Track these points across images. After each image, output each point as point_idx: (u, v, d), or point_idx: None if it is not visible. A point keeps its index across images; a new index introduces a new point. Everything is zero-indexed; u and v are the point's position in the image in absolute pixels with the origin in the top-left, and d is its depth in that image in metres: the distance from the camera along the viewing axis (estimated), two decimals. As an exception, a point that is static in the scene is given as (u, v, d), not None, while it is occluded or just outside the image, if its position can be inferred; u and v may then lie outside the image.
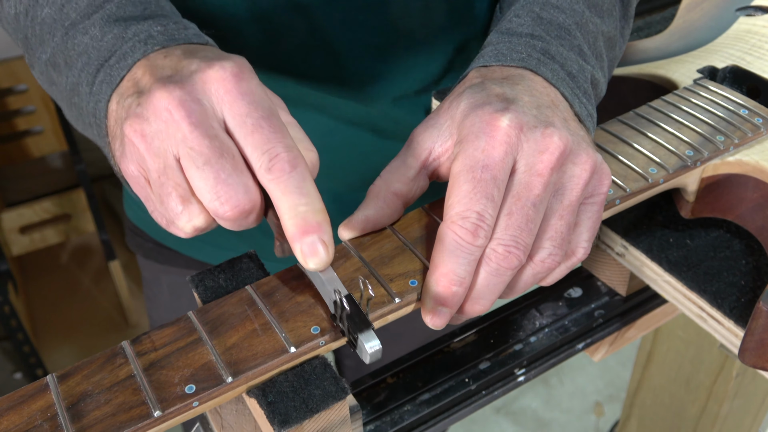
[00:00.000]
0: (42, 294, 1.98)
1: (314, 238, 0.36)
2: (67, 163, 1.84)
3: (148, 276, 0.85)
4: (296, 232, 0.36)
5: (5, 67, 1.66)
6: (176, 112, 0.36)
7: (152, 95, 0.37)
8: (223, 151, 0.36)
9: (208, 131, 0.36)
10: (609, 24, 0.50)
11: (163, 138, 0.37)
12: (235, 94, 0.38)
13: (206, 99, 0.38)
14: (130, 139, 0.38)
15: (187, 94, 0.37)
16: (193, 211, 0.37)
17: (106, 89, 0.41)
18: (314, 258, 0.36)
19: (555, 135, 0.39)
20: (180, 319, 0.39)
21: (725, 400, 1.05)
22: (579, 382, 1.87)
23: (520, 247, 0.38)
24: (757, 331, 0.44)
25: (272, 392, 0.37)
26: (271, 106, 0.39)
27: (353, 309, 0.37)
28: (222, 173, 0.36)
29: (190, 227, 0.38)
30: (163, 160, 0.37)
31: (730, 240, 0.54)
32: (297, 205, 0.36)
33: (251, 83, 0.39)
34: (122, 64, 0.40)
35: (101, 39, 0.42)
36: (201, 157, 0.36)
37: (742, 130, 0.51)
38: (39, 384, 0.36)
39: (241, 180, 0.36)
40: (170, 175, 0.37)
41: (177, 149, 0.36)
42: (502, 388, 0.53)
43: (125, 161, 0.39)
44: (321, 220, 0.36)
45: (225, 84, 0.38)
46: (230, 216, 0.36)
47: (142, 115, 0.37)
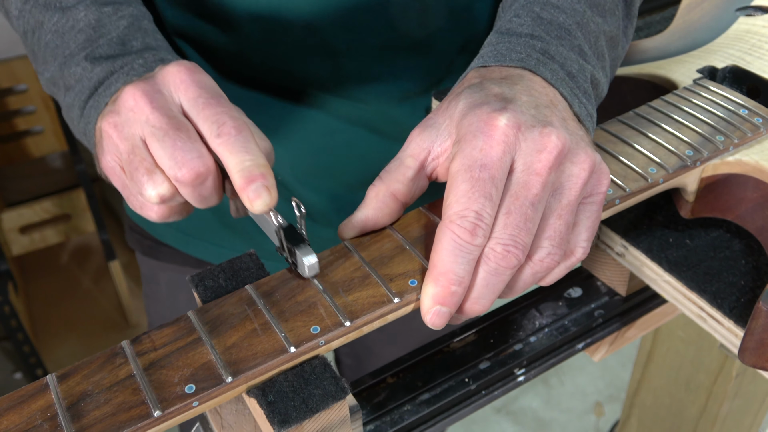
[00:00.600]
0: (42, 294, 1.98)
1: (258, 184, 0.40)
2: (67, 163, 1.84)
3: (146, 273, 0.85)
4: (243, 182, 0.40)
5: (5, 67, 1.66)
6: (140, 100, 0.43)
7: (122, 93, 0.44)
8: (180, 125, 0.42)
9: (167, 112, 0.42)
10: (611, 23, 0.50)
11: (131, 123, 0.43)
12: (188, 82, 0.44)
13: (165, 89, 0.44)
14: (106, 132, 0.44)
15: (149, 86, 0.43)
16: (157, 180, 0.42)
17: (93, 114, 0.48)
18: (259, 200, 0.40)
19: (553, 134, 0.39)
20: (180, 318, 0.39)
21: (725, 400, 1.05)
22: (579, 382, 1.87)
23: (518, 246, 0.38)
24: (757, 331, 0.44)
25: (272, 392, 0.37)
26: (219, 91, 0.44)
27: (289, 230, 0.42)
28: (179, 141, 0.41)
29: (155, 195, 0.42)
30: (131, 142, 0.43)
31: (730, 240, 0.54)
32: (243, 161, 0.41)
33: (203, 75, 0.45)
34: (107, 92, 0.48)
35: (92, 71, 0.49)
36: (161, 131, 0.42)
37: (742, 130, 0.51)
38: (39, 384, 0.36)
39: (195, 147, 0.41)
40: (137, 153, 0.42)
41: (142, 130, 0.42)
42: (502, 388, 0.53)
43: (103, 156, 0.45)
44: (264, 171, 0.41)
45: (180, 75, 0.44)
46: (188, 178, 0.41)
47: (114, 110, 0.44)
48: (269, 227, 0.43)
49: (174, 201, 0.44)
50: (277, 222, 0.42)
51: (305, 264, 0.40)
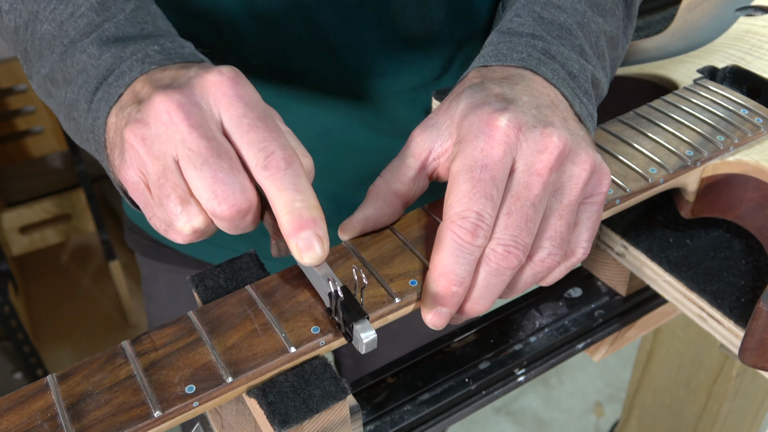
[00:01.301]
0: (42, 294, 1.98)
1: (310, 233, 0.36)
2: (67, 163, 1.84)
3: (146, 274, 0.85)
4: (292, 227, 0.36)
5: (5, 67, 1.66)
6: (175, 115, 0.37)
7: (152, 100, 0.38)
8: (221, 151, 0.37)
9: (206, 133, 0.37)
10: (611, 23, 0.50)
11: (163, 140, 0.37)
12: (231, 96, 0.38)
13: (204, 102, 0.38)
14: (131, 144, 0.39)
15: (185, 98, 0.38)
16: (191, 212, 0.38)
17: (104, 106, 0.42)
18: (310, 253, 0.37)
19: (554, 135, 0.39)
20: (180, 319, 0.39)
21: (725, 400, 1.05)
22: (579, 382, 1.87)
23: (519, 246, 0.38)
24: (757, 331, 0.44)
25: (272, 392, 0.37)
26: (265, 109, 0.39)
27: (348, 299, 0.38)
28: (219, 173, 0.36)
29: (188, 228, 0.38)
30: (162, 163, 0.38)
31: (730, 240, 0.54)
32: (293, 201, 0.37)
33: (247, 88, 0.39)
34: (120, 82, 0.42)
35: (99, 58, 0.43)
36: (199, 158, 0.37)
37: (742, 130, 0.51)
38: (39, 384, 0.36)
39: (237, 179, 0.37)
40: (169, 177, 0.37)
41: (176, 151, 0.37)
42: (502, 388, 0.53)
43: (125, 167, 0.40)
44: (316, 215, 0.37)
45: (222, 87, 0.39)
46: (227, 215, 0.37)
47: (142, 120, 0.38)
48: (317, 281, 0.39)
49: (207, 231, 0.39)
50: (333, 287, 0.38)
51: (363, 340, 0.37)
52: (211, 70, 0.39)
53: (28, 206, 1.73)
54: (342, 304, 0.38)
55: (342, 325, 0.38)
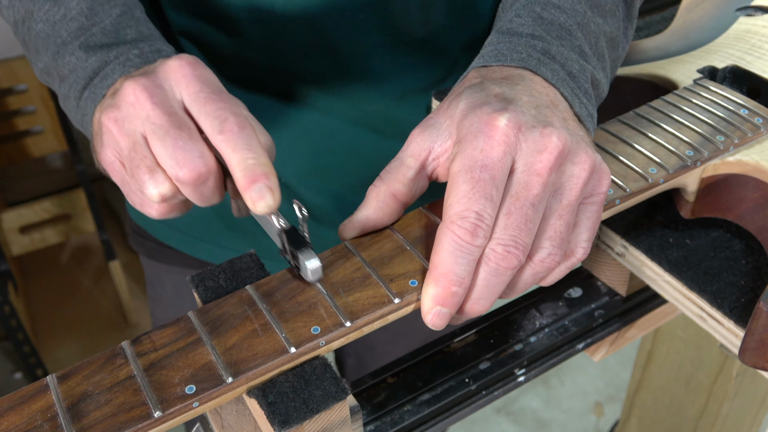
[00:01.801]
0: (42, 294, 1.98)
1: (261, 185, 0.40)
2: (67, 163, 1.84)
3: (151, 276, 0.85)
4: (246, 182, 0.40)
5: (5, 67, 1.66)
6: (141, 95, 0.42)
7: (123, 88, 0.43)
8: (181, 124, 0.42)
9: (167, 109, 0.42)
10: (611, 24, 0.50)
11: (131, 119, 0.42)
12: (189, 77, 0.43)
13: (167, 84, 0.43)
14: (107, 127, 0.44)
15: (150, 81, 0.43)
16: (158, 179, 0.42)
17: (90, 105, 0.48)
18: (262, 201, 0.40)
19: (554, 135, 0.39)
20: (180, 319, 0.39)
21: (725, 400, 1.05)
22: (579, 382, 1.87)
23: (519, 247, 0.38)
24: (757, 331, 0.44)
25: (272, 392, 0.37)
26: (220, 86, 0.44)
27: (293, 233, 0.41)
28: (179, 140, 0.41)
29: (156, 194, 0.42)
30: (132, 139, 0.42)
31: (730, 240, 0.54)
32: (245, 159, 0.40)
33: (204, 70, 0.44)
34: (104, 83, 0.47)
35: (86, 61, 0.48)
36: (161, 129, 0.41)
37: (742, 130, 0.51)
38: (39, 384, 0.36)
39: (196, 146, 0.41)
40: (138, 150, 0.42)
41: (143, 127, 0.42)
42: (502, 388, 0.53)
43: (103, 150, 0.45)
44: (267, 170, 0.40)
45: (182, 69, 0.43)
46: (189, 178, 0.41)
47: (114, 104, 0.44)
48: (272, 229, 0.43)
49: (175, 199, 0.43)
50: (280, 225, 0.41)
51: (308, 268, 0.40)
52: (173, 57, 0.44)
53: (28, 206, 1.73)
54: (288, 238, 0.41)
55: (291, 260, 0.41)
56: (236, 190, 0.42)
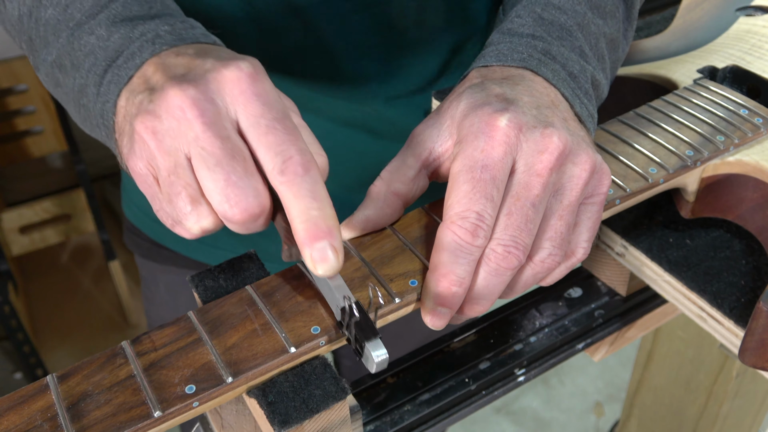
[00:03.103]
0: (42, 294, 1.98)
1: (325, 243, 0.35)
2: (67, 163, 1.84)
3: (145, 275, 0.85)
4: (307, 237, 0.35)
5: (5, 67, 1.66)
6: (189, 111, 0.36)
7: (165, 93, 0.37)
8: (235, 153, 0.36)
9: (220, 132, 0.36)
10: (611, 26, 0.50)
11: (175, 136, 0.36)
12: (249, 94, 0.37)
13: (220, 99, 0.37)
14: (141, 136, 0.37)
15: (201, 93, 0.37)
16: (201, 212, 0.37)
17: (114, 89, 0.40)
18: (324, 264, 0.36)
19: (554, 135, 0.39)
20: (180, 319, 0.39)
21: (725, 400, 1.05)
22: (579, 382, 1.87)
23: (519, 247, 0.38)
24: (757, 331, 0.44)
25: (272, 392, 0.37)
26: (284, 109, 0.38)
27: (362, 317, 0.37)
28: (233, 175, 0.35)
29: (197, 228, 0.37)
30: (174, 159, 0.37)
31: (730, 240, 0.54)
32: (309, 209, 0.35)
33: (265, 84, 0.38)
34: (130, 64, 0.40)
35: (108, 39, 0.41)
36: (212, 158, 0.36)
37: (742, 130, 0.51)
38: (39, 384, 0.36)
39: (251, 183, 0.36)
40: (180, 175, 0.36)
41: (188, 148, 0.36)
42: (502, 388, 0.53)
43: (134, 158, 0.38)
44: (332, 225, 0.36)
45: (240, 84, 0.37)
46: (239, 219, 0.36)
47: (154, 112, 0.37)
48: (330, 294, 0.38)
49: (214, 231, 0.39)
50: (347, 303, 0.37)
51: (374, 360, 0.36)
52: (229, 65, 0.38)
53: (28, 206, 1.73)
54: (356, 323, 0.37)
55: (353, 342, 0.37)
56: (290, 234, 0.37)
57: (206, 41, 0.42)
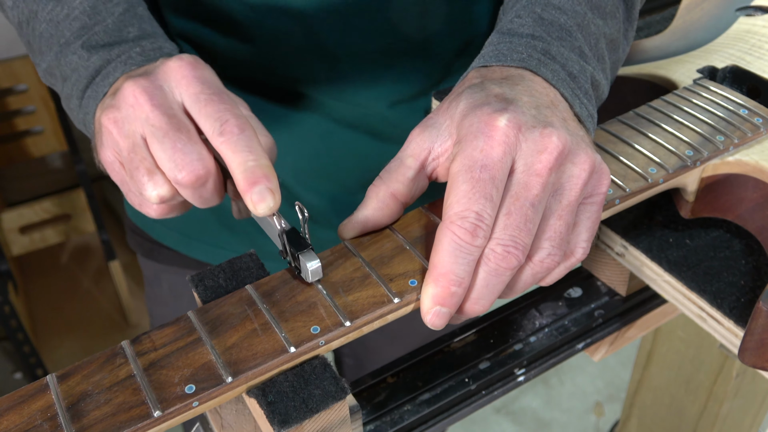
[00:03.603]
0: (42, 294, 1.98)
1: (262, 186, 0.40)
2: (67, 163, 1.84)
3: (148, 275, 0.85)
4: (246, 184, 0.40)
5: (5, 67, 1.66)
6: (140, 97, 0.42)
7: (122, 88, 0.43)
8: (180, 126, 0.42)
9: (167, 110, 0.42)
10: (611, 26, 0.50)
11: (131, 120, 0.42)
12: (190, 78, 0.43)
13: (166, 85, 0.43)
14: (106, 127, 0.44)
15: (149, 82, 0.43)
16: (157, 181, 0.42)
17: (92, 104, 0.47)
18: (262, 204, 0.40)
19: (554, 135, 0.39)
20: (180, 318, 0.39)
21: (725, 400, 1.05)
22: (579, 382, 1.87)
23: (518, 247, 0.38)
24: (757, 331, 0.44)
25: (272, 392, 0.37)
26: (221, 87, 0.44)
27: (293, 234, 0.41)
28: (178, 143, 0.41)
29: (155, 195, 0.42)
30: (131, 140, 0.42)
31: (730, 240, 0.54)
32: (246, 161, 0.40)
33: (205, 71, 0.44)
34: (105, 82, 0.47)
35: (88, 60, 0.48)
36: (160, 131, 0.41)
37: (742, 130, 0.51)
38: (39, 384, 0.36)
39: (195, 149, 0.41)
40: (138, 152, 0.42)
41: (142, 129, 0.42)
42: (502, 388, 0.53)
43: (103, 150, 0.45)
44: (268, 172, 0.40)
45: (182, 70, 0.43)
46: (188, 181, 0.41)
47: (114, 105, 0.44)
48: (272, 230, 0.43)
49: (174, 200, 0.44)
50: (281, 226, 0.41)
51: (308, 269, 0.40)
52: (173, 57, 0.44)
53: (28, 206, 1.73)
54: (289, 239, 0.41)
55: (292, 261, 0.41)
56: (236, 191, 0.42)
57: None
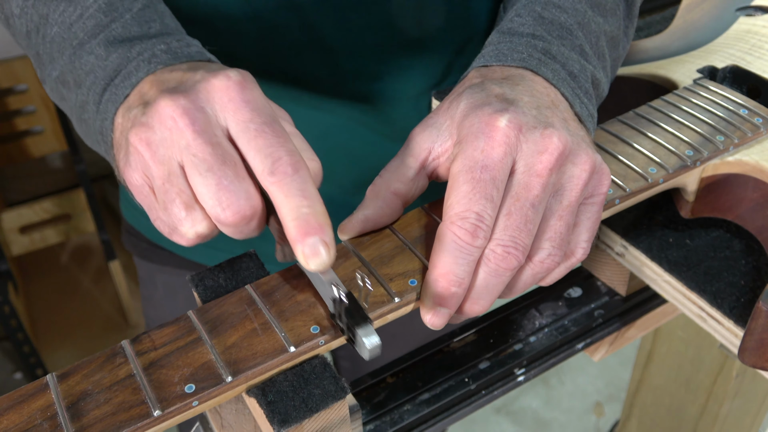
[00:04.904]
0: (42, 294, 1.98)
1: (316, 239, 0.36)
2: (67, 163, 1.84)
3: (143, 275, 0.85)
4: (298, 233, 0.36)
5: (5, 67, 1.66)
6: (180, 120, 0.37)
7: (157, 104, 0.38)
8: (226, 158, 0.37)
9: (211, 139, 0.37)
10: (612, 24, 0.50)
11: (168, 146, 0.38)
12: (238, 101, 0.38)
13: (210, 107, 0.38)
14: (135, 147, 0.39)
15: (191, 103, 0.38)
16: (196, 218, 0.38)
17: (111, 107, 0.42)
18: (316, 259, 0.36)
19: (554, 135, 0.39)
20: (180, 318, 0.39)
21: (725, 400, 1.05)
22: (579, 382, 1.87)
23: (519, 247, 0.38)
24: (757, 330, 0.44)
25: (272, 392, 0.37)
26: (272, 114, 0.39)
27: (352, 305, 0.38)
28: (224, 179, 0.36)
29: (193, 233, 0.38)
30: (167, 168, 0.38)
31: (730, 240, 0.54)
32: (299, 207, 0.36)
33: (254, 92, 0.39)
34: (127, 83, 0.42)
35: (106, 59, 0.43)
36: (204, 164, 0.37)
37: (742, 130, 0.51)
38: (39, 383, 0.36)
39: (242, 186, 0.37)
40: (174, 182, 0.38)
41: (181, 156, 0.37)
42: (501, 388, 0.53)
43: (129, 170, 0.40)
44: (323, 221, 0.37)
45: (228, 92, 0.38)
46: (231, 221, 0.37)
47: (147, 124, 0.38)
48: (321, 286, 0.39)
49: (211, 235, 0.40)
50: (337, 293, 0.38)
51: (366, 346, 0.37)
52: (218, 74, 0.39)
53: (28, 206, 1.73)
54: (346, 310, 0.37)
55: (346, 331, 0.38)
56: (281, 232, 0.38)
57: (201, 58, 0.44)
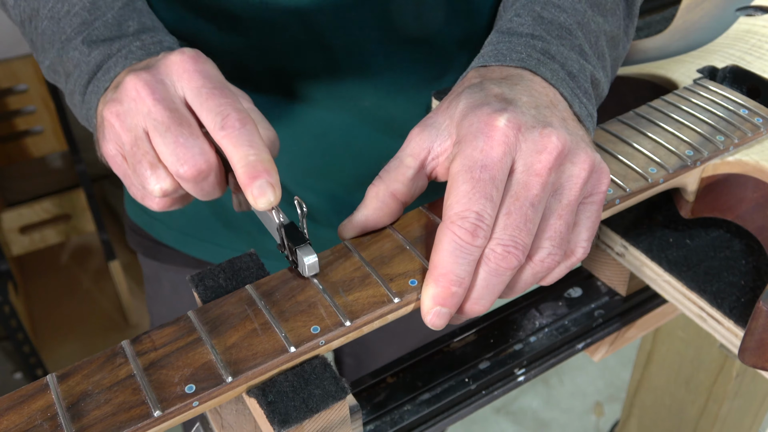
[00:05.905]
0: (42, 294, 1.98)
1: (263, 181, 0.40)
2: (67, 163, 1.84)
3: (148, 274, 0.85)
4: (247, 177, 0.40)
5: (5, 67, 1.66)
6: (142, 91, 0.43)
7: (125, 82, 0.44)
8: (182, 120, 0.42)
9: (169, 105, 0.42)
10: (612, 23, 0.50)
11: (133, 114, 0.43)
12: (191, 71, 0.44)
13: (168, 79, 0.44)
14: (108, 121, 0.44)
15: (151, 76, 0.43)
16: (160, 175, 0.43)
17: (94, 99, 0.48)
18: (263, 198, 0.40)
19: (553, 135, 0.39)
20: (180, 318, 0.39)
21: (725, 400, 1.05)
22: (579, 382, 1.87)
23: (518, 247, 0.38)
24: (757, 330, 0.44)
25: (272, 392, 0.37)
26: (222, 81, 0.44)
27: (291, 229, 0.42)
28: (180, 137, 0.41)
29: (158, 189, 0.43)
30: (134, 134, 0.43)
31: (730, 240, 0.54)
32: (247, 155, 0.41)
33: (206, 64, 0.44)
34: (107, 77, 0.48)
35: (89, 55, 0.49)
36: (163, 126, 0.42)
37: (742, 130, 0.51)
38: (39, 384, 0.36)
39: (197, 143, 0.42)
40: (140, 146, 0.43)
41: (144, 122, 0.42)
42: (502, 388, 0.53)
43: (105, 143, 0.45)
44: (269, 167, 0.41)
45: (183, 64, 0.44)
46: (189, 175, 0.42)
47: (116, 99, 0.44)
48: (271, 224, 0.43)
49: (176, 194, 0.44)
50: (279, 220, 0.42)
51: (305, 263, 0.40)
52: (175, 51, 0.44)
53: (28, 206, 1.73)
54: (287, 233, 0.41)
55: (290, 254, 0.42)
56: (237, 184, 0.42)
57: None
